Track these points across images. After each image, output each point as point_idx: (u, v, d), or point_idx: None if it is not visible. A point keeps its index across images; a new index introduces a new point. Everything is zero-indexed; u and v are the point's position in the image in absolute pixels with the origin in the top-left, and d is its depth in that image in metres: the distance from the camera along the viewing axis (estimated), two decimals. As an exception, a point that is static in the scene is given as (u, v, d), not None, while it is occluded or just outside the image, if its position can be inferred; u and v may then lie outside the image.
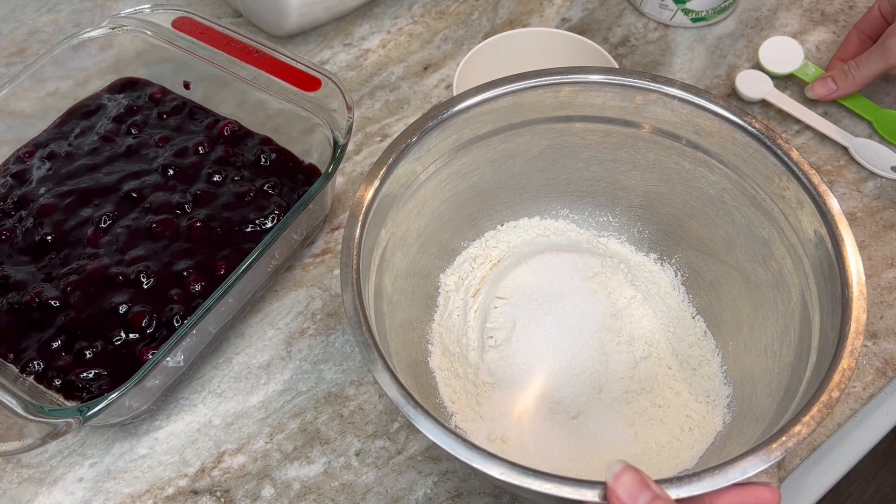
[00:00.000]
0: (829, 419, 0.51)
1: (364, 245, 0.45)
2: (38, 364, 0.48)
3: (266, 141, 0.58)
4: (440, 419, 0.38)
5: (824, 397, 0.38)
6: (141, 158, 0.57)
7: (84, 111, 0.61)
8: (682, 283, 0.54)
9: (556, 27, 0.71)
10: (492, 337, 0.50)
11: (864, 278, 0.41)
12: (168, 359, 0.47)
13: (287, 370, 0.54)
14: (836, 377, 0.39)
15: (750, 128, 0.47)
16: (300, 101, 0.56)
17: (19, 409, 0.43)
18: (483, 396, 0.49)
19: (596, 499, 0.35)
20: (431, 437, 0.38)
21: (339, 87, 0.56)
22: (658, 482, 0.35)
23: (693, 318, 0.53)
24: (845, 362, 0.39)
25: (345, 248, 0.44)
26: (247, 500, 0.49)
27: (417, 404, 0.39)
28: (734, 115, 0.48)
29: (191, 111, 0.60)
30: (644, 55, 0.70)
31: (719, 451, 0.46)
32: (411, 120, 0.49)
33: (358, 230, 0.45)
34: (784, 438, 0.37)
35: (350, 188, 0.62)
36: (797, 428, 0.38)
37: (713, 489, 0.36)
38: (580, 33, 0.66)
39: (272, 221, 0.54)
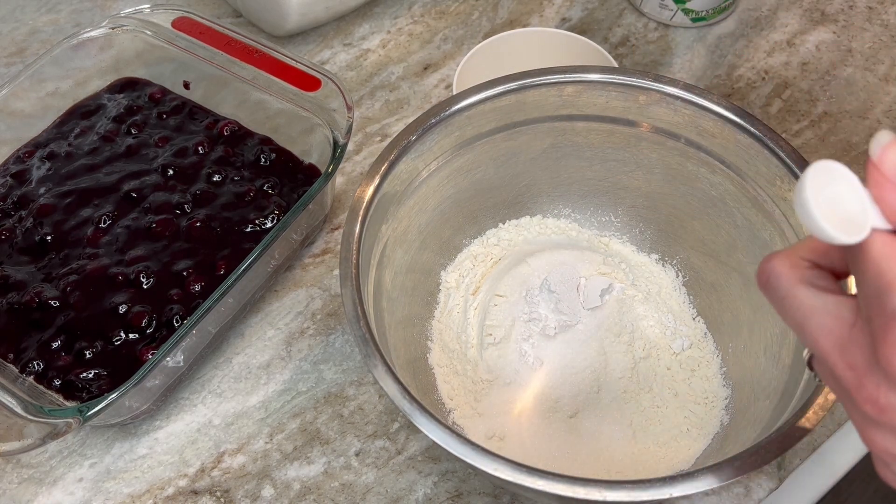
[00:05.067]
0: (828, 419, 0.51)
1: (364, 241, 0.45)
2: (38, 364, 0.48)
3: (266, 141, 0.58)
4: (438, 416, 0.38)
5: (821, 399, 0.38)
6: (141, 158, 0.57)
7: (84, 111, 0.61)
8: (682, 285, 0.54)
9: (556, 27, 0.71)
10: (491, 334, 0.51)
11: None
12: (168, 359, 0.47)
13: (287, 370, 0.54)
14: (836, 379, 0.39)
15: (752, 129, 0.47)
16: (300, 101, 0.56)
17: (19, 409, 0.43)
18: (481, 394, 0.49)
19: None
20: (428, 434, 0.38)
21: (339, 87, 0.56)
22: (652, 481, 0.35)
23: (693, 319, 0.53)
24: (844, 364, 0.39)
25: (345, 244, 0.44)
26: (247, 501, 0.49)
27: (415, 400, 0.39)
28: (736, 115, 0.48)
29: (191, 111, 0.60)
30: (644, 55, 0.70)
31: (717, 452, 0.46)
32: (411, 120, 0.49)
33: (358, 226, 0.45)
34: (780, 440, 0.37)
35: (350, 188, 0.62)
36: (794, 430, 0.38)
37: (708, 488, 0.36)
38: (580, 33, 0.66)
39: (272, 221, 0.54)
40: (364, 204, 0.45)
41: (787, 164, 0.46)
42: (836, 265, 0.30)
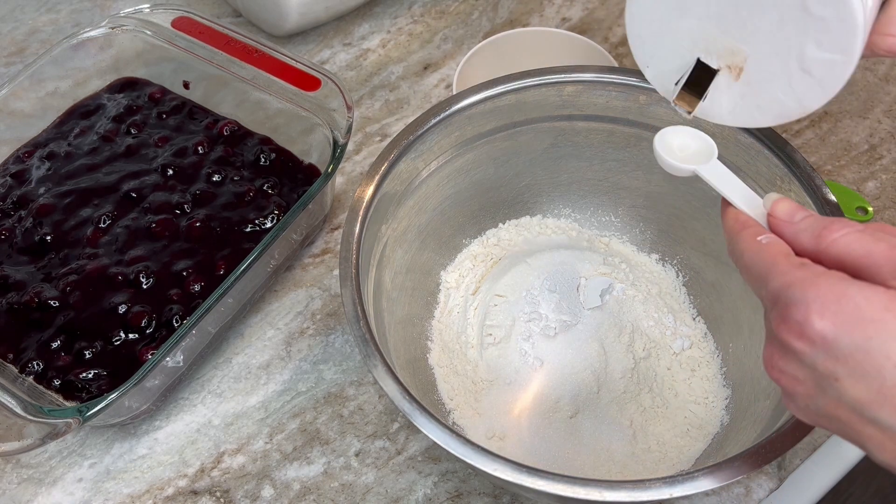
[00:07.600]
0: (829, 420, 0.51)
1: (364, 241, 0.45)
2: (38, 364, 0.48)
3: (266, 141, 0.58)
4: (438, 416, 0.38)
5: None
6: (140, 158, 0.57)
7: (83, 111, 0.61)
8: (683, 285, 0.54)
9: (556, 27, 0.71)
10: (491, 334, 0.50)
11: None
12: (168, 359, 0.47)
13: (287, 370, 0.54)
14: (836, 378, 0.39)
15: (752, 129, 0.47)
16: (300, 101, 0.56)
17: (19, 410, 0.43)
18: (481, 393, 0.49)
19: None
20: (428, 434, 0.38)
21: (339, 87, 0.56)
22: (651, 481, 0.35)
23: (693, 319, 0.52)
24: (845, 364, 0.39)
25: (344, 244, 0.44)
26: (246, 501, 0.49)
27: (415, 400, 0.39)
28: (736, 115, 0.48)
29: (190, 111, 0.60)
30: (644, 55, 0.70)
31: (717, 452, 0.46)
32: (411, 120, 0.49)
33: (358, 226, 0.45)
34: (780, 440, 0.37)
35: (350, 188, 0.62)
36: (794, 430, 0.38)
37: (707, 489, 0.36)
38: (580, 33, 0.66)
39: (272, 221, 0.54)
40: (364, 204, 0.45)
41: (787, 164, 0.46)
42: None
